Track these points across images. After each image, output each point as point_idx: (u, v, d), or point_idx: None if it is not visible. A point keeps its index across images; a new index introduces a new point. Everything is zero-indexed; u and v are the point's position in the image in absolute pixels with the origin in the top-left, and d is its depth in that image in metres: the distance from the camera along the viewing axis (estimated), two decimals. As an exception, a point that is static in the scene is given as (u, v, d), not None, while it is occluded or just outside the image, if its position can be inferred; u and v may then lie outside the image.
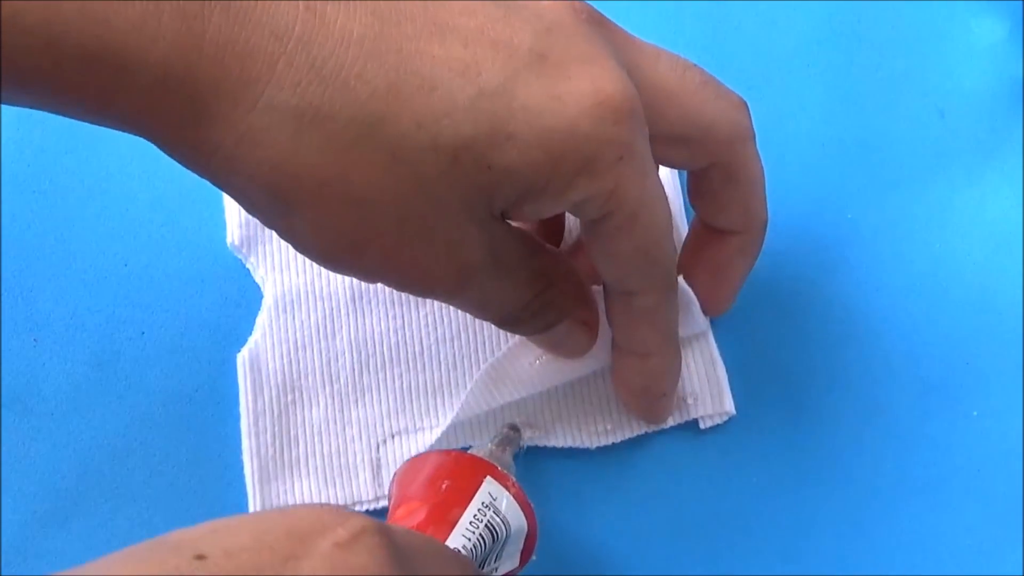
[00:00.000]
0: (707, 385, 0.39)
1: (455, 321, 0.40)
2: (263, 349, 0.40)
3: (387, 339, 0.40)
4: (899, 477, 0.39)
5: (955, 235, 0.42)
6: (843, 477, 0.39)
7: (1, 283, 0.41)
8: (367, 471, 0.39)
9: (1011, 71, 0.44)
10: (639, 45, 0.32)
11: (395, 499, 0.34)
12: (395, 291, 0.40)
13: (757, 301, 0.41)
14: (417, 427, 0.39)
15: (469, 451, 0.36)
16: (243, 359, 0.40)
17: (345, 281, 0.40)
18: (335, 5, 0.28)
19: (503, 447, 0.37)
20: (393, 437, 0.39)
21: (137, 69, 0.26)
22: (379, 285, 0.40)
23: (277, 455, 0.39)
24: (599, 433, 0.39)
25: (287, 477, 0.39)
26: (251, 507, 0.38)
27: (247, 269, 0.41)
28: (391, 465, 0.39)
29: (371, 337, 0.40)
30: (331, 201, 0.28)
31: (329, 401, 0.39)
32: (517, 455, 0.38)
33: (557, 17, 0.30)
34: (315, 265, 0.40)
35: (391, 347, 0.40)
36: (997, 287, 0.41)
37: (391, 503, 0.35)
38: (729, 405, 0.39)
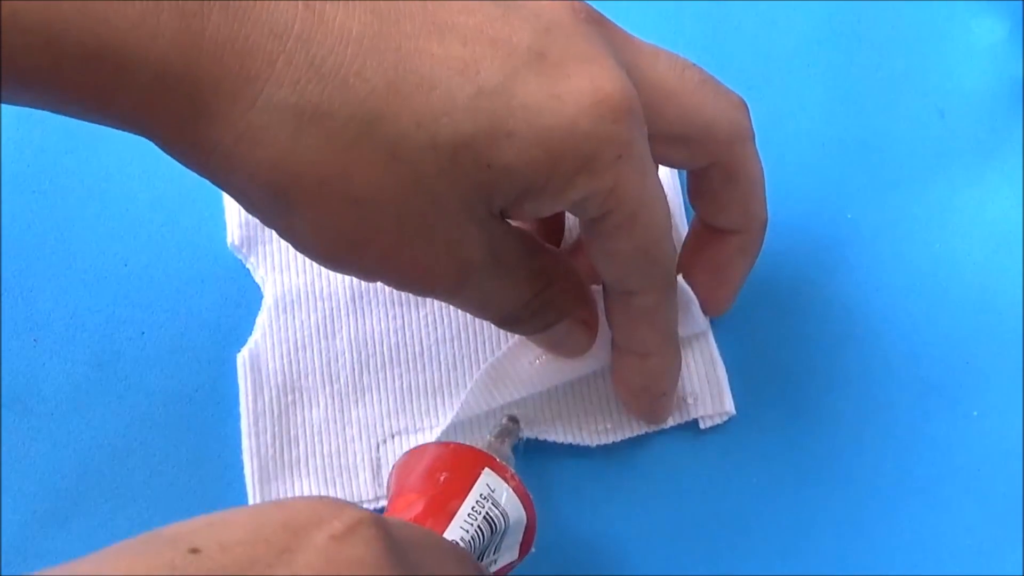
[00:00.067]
0: (707, 385, 0.39)
1: (455, 321, 0.40)
2: (263, 349, 0.40)
3: (387, 339, 0.40)
4: (899, 477, 0.39)
5: (955, 235, 0.42)
6: (843, 477, 0.39)
7: (1, 283, 0.41)
8: (367, 471, 0.39)
9: (1011, 71, 0.44)
10: (638, 44, 0.32)
11: (393, 491, 0.34)
12: (395, 291, 0.40)
13: (757, 301, 0.41)
14: (417, 427, 0.39)
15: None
16: (243, 359, 0.40)
17: (345, 281, 0.40)
18: (334, 4, 0.28)
19: (502, 439, 0.37)
20: (393, 437, 0.39)
21: (136, 67, 0.26)
22: (379, 285, 0.40)
23: (277, 455, 0.39)
24: (599, 432, 0.39)
25: (287, 477, 0.39)
26: (251, 507, 0.38)
27: (247, 269, 0.41)
28: (391, 465, 0.39)
29: (371, 337, 0.40)
30: (330, 199, 0.28)
31: (329, 401, 0.39)
32: (516, 448, 0.38)
33: (556, 16, 0.30)
34: (315, 265, 0.40)
35: (391, 347, 0.40)
36: (997, 287, 0.41)
37: (389, 495, 0.35)
38: (729, 405, 0.39)
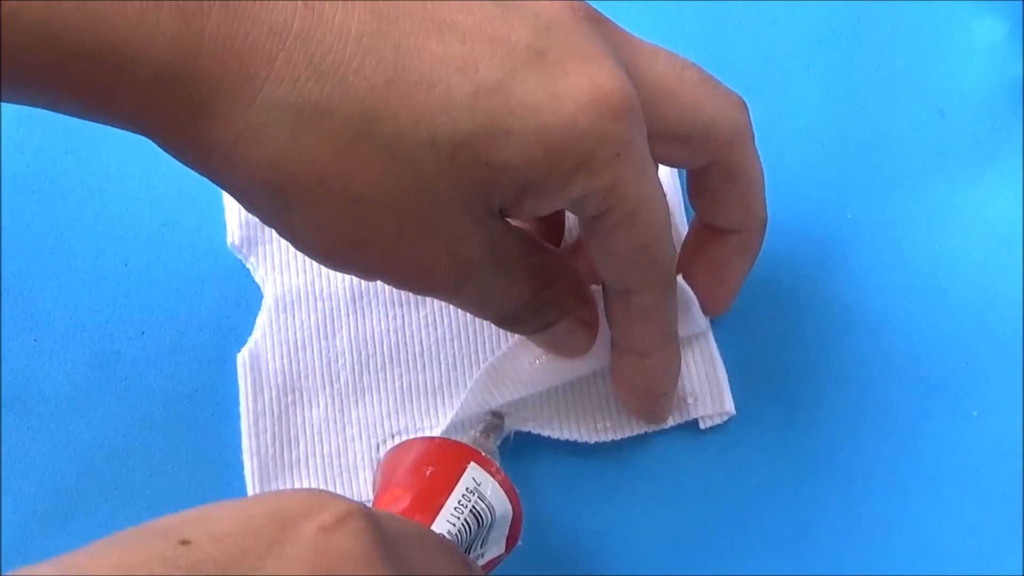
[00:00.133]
0: (707, 385, 0.39)
1: (455, 321, 0.40)
2: (263, 349, 0.40)
3: (387, 339, 0.40)
4: (899, 477, 0.39)
5: (955, 235, 0.42)
6: (843, 477, 0.39)
7: (1, 283, 0.41)
8: (367, 471, 0.39)
9: (1011, 71, 0.44)
10: (637, 43, 0.32)
11: (379, 486, 0.34)
12: (395, 291, 0.40)
13: (757, 301, 0.41)
14: (417, 427, 0.39)
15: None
16: (243, 359, 0.40)
17: (345, 281, 0.40)
18: (333, 3, 0.28)
19: (487, 434, 0.37)
20: (393, 437, 0.39)
21: (136, 66, 0.26)
22: (379, 285, 0.40)
23: (277, 455, 0.39)
24: (598, 430, 0.39)
25: (287, 477, 0.39)
26: (251, 507, 0.38)
27: (247, 269, 0.41)
28: (391, 465, 0.39)
29: (371, 337, 0.40)
30: (330, 198, 0.28)
31: (329, 401, 0.39)
32: (507, 442, 0.38)
33: (555, 15, 0.30)
34: (315, 265, 0.40)
35: (391, 347, 0.40)
36: (997, 287, 0.41)
37: (375, 490, 0.35)
38: (729, 405, 0.39)
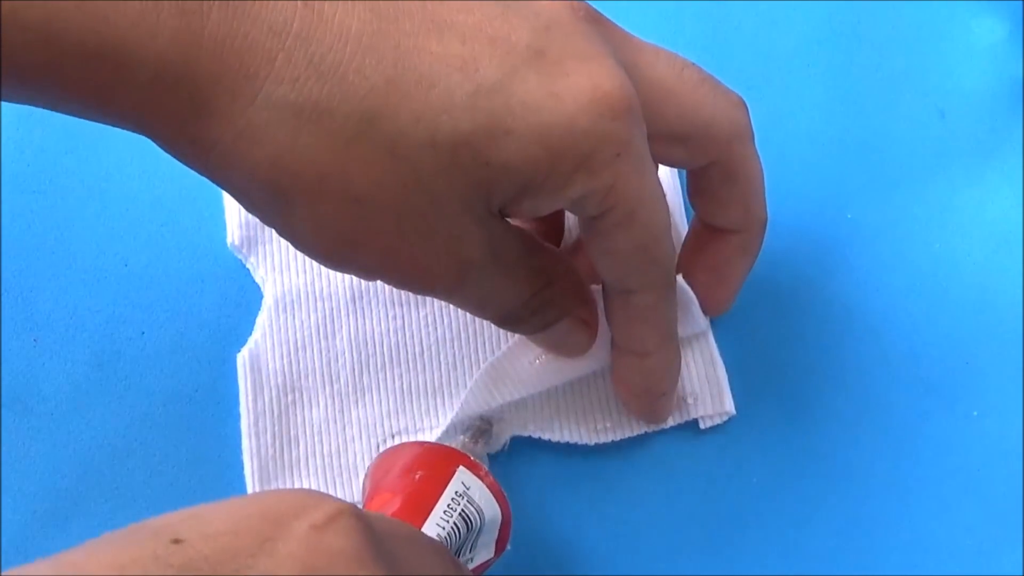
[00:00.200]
0: (707, 385, 0.39)
1: (455, 321, 0.40)
2: (263, 349, 0.40)
3: (387, 339, 0.40)
4: (899, 477, 0.39)
5: (955, 235, 0.42)
6: (843, 477, 0.39)
7: (1, 283, 0.41)
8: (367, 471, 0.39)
9: (1011, 71, 0.44)
10: (637, 43, 0.32)
11: (368, 491, 0.34)
12: (395, 291, 0.40)
13: (757, 301, 0.41)
14: (417, 427, 0.39)
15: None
16: (243, 359, 0.40)
17: (345, 281, 0.40)
18: (333, 2, 0.28)
19: (475, 439, 0.37)
20: (393, 437, 0.39)
21: (136, 65, 0.26)
22: (379, 285, 0.40)
23: (277, 455, 0.39)
24: (598, 431, 0.39)
25: (287, 477, 0.39)
26: (251, 507, 0.38)
27: (247, 269, 0.41)
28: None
29: (371, 337, 0.40)
30: (330, 197, 0.28)
31: (329, 401, 0.39)
32: (500, 452, 0.38)
33: (555, 15, 0.30)
34: (315, 265, 0.40)
35: (391, 347, 0.40)
36: (997, 287, 0.41)
37: (365, 496, 0.35)
38: (729, 405, 0.39)
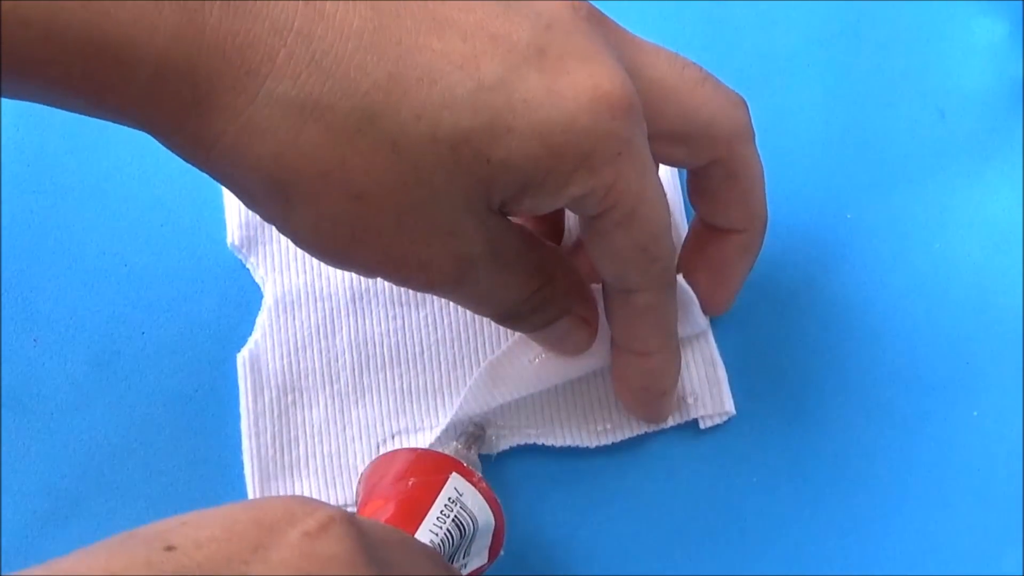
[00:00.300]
0: (707, 385, 0.39)
1: (455, 321, 0.40)
2: (263, 349, 0.40)
3: (387, 339, 0.40)
4: (899, 477, 0.39)
5: (955, 235, 0.42)
6: (843, 477, 0.39)
7: (1, 283, 0.41)
8: (367, 472, 0.39)
9: (1011, 71, 0.44)
10: (638, 43, 0.32)
11: (361, 498, 0.34)
12: (395, 291, 0.40)
13: (757, 301, 0.41)
14: (417, 427, 0.39)
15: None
16: (243, 359, 0.39)
17: (345, 281, 0.40)
18: (334, 1, 0.28)
19: (468, 445, 0.37)
20: (393, 437, 0.39)
21: (137, 61, 0.26)
22: (379, 285, 0.40)
23: (277, 455, 0.39)
24: (599, 432, 0.39)
25: (287, 478, 0.39)
26: (251, 507, 0.38)
27: (247, 269, 0.41)
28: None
29: (371, 337, 0.40)
30: (331, 193, 0.28)
31: (329, 401, 0.39)
32: (492, 456, 0.38)
33: (556, 14, 0.30)
34: (315, 265, 0.40)
35: (391, 347, 0.40)
36: (997, 287, 0.41)
37: (358, 502, 0.35)
38: (729, 405, 0.39)
